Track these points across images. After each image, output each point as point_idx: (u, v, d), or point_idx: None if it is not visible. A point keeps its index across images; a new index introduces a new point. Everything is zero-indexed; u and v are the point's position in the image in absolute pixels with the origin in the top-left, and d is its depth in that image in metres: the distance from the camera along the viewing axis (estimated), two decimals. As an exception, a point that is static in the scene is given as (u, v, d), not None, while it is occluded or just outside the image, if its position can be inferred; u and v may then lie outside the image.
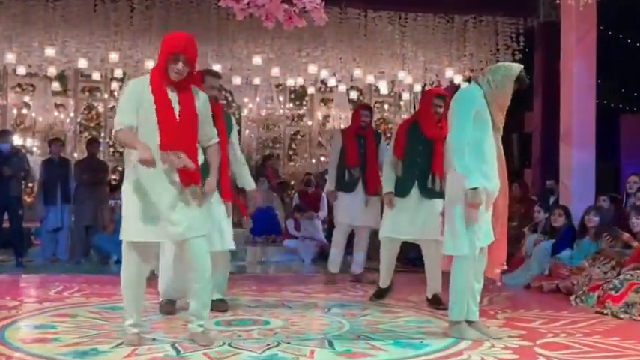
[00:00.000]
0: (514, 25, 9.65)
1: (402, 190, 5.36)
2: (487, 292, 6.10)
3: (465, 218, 4.03)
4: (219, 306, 4.89)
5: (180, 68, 3.84)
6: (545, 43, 10.40)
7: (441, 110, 5.29)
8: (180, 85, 3.90)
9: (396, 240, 5.45)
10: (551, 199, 8.64)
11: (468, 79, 10.64)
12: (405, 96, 12.23)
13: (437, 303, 5.28)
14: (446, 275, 4.43)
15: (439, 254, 4.59)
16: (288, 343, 4.05)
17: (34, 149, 11.50)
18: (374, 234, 7.49)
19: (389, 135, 12.99)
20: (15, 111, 11.62)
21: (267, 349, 3.90)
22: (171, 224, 3.84)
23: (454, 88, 8.52)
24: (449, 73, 10.32)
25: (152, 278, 4.47)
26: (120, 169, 10.82)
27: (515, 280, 6.79)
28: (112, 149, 11.90)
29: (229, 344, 3.98)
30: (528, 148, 11.63)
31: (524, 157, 12.14)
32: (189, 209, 3.87)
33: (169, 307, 4.89)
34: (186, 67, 3.85)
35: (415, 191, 5.31)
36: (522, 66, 4.24)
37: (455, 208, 4.09)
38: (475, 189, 3.96)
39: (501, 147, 4.22)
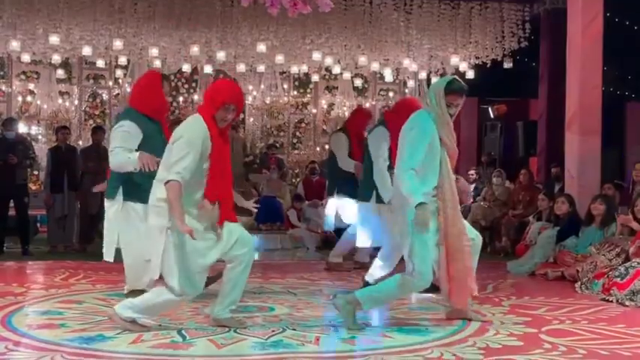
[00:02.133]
0: (520, 11, 9.58)
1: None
2: (491, 279, 6.11)
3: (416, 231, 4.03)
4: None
5: (230, 118, 3.94)
6: (551, 29, 10.36)
7: None
8: (224, 131, 3.98)
9: None
10: (557, 187, 8.63)
11: (474, 67, 10.61)
12: (410, 84, 12.18)
13: (435, 289, 5.29)
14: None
15: None
16: (294, 329, 4.06)
17: (39, 137, 11.50)
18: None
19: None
20: (20, 99, 11.62)
21: (273, 335, 3.92)
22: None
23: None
24: (454, 60, 10.27)
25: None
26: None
27: (520, 267, 6.79)
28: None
29: (235, 330, 4.00)
30: (534, 135, 11.61)
31: (530, 145, 12.10)
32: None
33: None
34: (233, 116, 3.97)
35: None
36: (452, 76, 4.28)
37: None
38: (421, 204, 3.96)
39: (449, 167, 4.20)
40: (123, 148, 4.42)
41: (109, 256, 4.62)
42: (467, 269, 4.15)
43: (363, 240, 5.87)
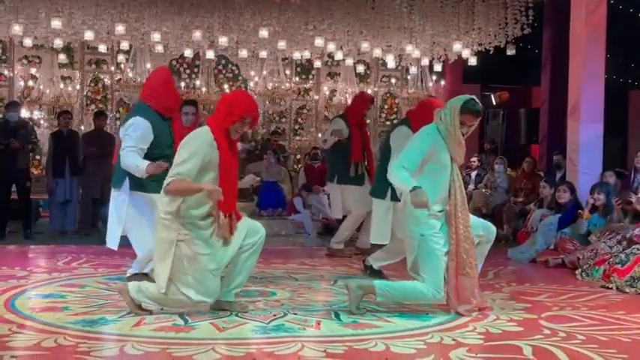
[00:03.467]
0: (523, -2, 9.52)
1: None
2: (492, 266, 6.13)
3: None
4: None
5: (244, 130, 3.99)
6: (554, 17, 10.31)
7: None
8: (234, 143, 4.01)
9: None
10: (558, 175, 8.63)
11: (476, 54, 10.56)
12: (413, 70, 12.14)
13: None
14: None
15: None
16: (295, 314, 4.08)
17: (41, 122, 11.50)
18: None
19: (395, 110, 12.96)
20: (22, 83, 11.61)
21: (274, 319, 3.94)
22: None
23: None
24: (457, 47, 10.22)
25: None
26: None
27: (521, 254, 6.81)
28: (118, 122, 11.88)
29: (236, 314, 4.02)
30: (536, 123, 11.60)
31: (532, 132, 12.10)
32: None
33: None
34: (248, 129, 4.06)
35: None
36: (471, 96, 4.26)
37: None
38: (415, 188, 3.99)
39: (461, 182, 4.28)
40: (135, 148, 4.42)
41: (112, 243, 4.63)
42: (474, 283, 4.19)
43: (379, 237, 5.84)
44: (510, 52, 10.13)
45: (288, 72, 12.49)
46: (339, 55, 11.06)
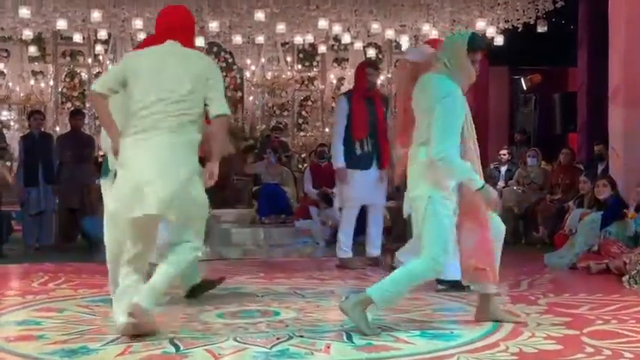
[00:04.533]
0: (555, -33, 9.51)
1: None
2: (526, 274, 6.10)
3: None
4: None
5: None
6: (591, -13, 10.26)
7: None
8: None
9: None
10: (600, 168, 8.59)
11: (503, 32, 10.54)
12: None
13: (460, 288, 5.30)
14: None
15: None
16: (301, 336, 4.07)
17: (11, 123, 11.58)
18: (397, 211, 7.51)
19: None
20: (-12, 81, 11.70)
21: (278, 343, 3.93)
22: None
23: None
24: (480, 24, 10.21)
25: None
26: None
27: (559, 260, 6.79)
28: (97, 122, 11.93)
29: (235, 339, 4.01)
30: (573, 109, 11.56)
31: (569, 120, 12.06)
32: None
33: None
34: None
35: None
36: (468, 31, 4.24)
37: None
38: (483, 187, 4.00)
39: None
40: None
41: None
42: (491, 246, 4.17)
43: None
44: (541, 29, 10.11)
45: (289, 59, 12.52)
46: (346, 38, 11.08)
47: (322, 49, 12.11)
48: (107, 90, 4.01)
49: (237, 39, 11.01)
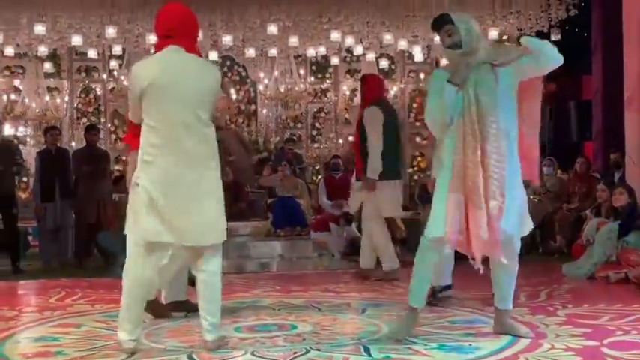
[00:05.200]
0: (568, -24, 9.51)
1: None
2: (544, 285, 6.06)
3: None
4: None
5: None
6: (604, -5, 10.22)
7: None
8: None
9: None
10: (617, 176, 8.54)
11: (517, 40, 10.51)
12: (443, 62, 12.11)
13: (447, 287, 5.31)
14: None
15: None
16: (318, 350, 4.06)
17: (28, 139, 11.67)
18: (412, 222, 7.51)
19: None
20: (4, 97, 11.79)
21: (295, 357, 3.92)
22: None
23: None
24: (493, 33, 10.22)
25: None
26: (124, 158, 10.94)
27: (577, 270, 6.74)
28: (113, 136, 12.02)
29: (252, 353, 4.01)
30: (588, 117, 11.50)
31: (584, 128, 11.99)
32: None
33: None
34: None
35: None
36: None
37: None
38: None
39: None
40: None
41: None
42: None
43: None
44: (555, 37, 10.08)
45: (302, 71, 12.56)
46: (358, 50, 11.10)
47: (335, 60, 12.14)
48: (141, 119, 3.93)
49: (250, 52, 11.06)
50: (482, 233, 3.94)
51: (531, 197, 9.08)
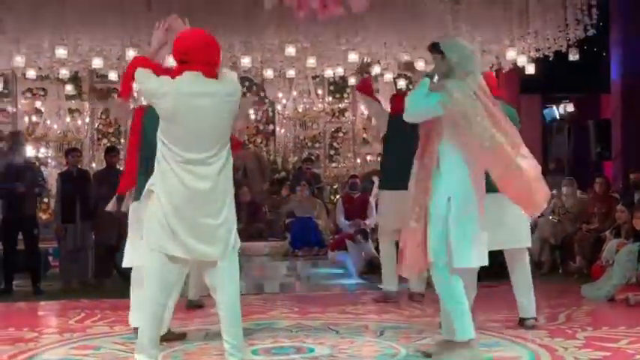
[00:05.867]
0: (585, -5, 9.48)
1: None
2: (563, 307, 6.02)
3: None
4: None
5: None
6: (622, 14, 10.21)
7: None
8: None
9: None
10: (637, 196, 8.48)
11: (534, 60, 10.51)
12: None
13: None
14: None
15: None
16: (336, 373, 4.06)
17: (49, 160, 11.80)
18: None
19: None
20: (26, 119, 11.95)
21: (313, 381, 3.92)
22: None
23: None
24: (511, 54, 10.22)
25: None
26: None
27: (597, 291, 6.67)
28: (133, 157, 12.11)
29: (269, 377, 4.02)
30: (607, 136, 11.44)
31: (604, 148, 11.91)
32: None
33: None
34: None
35: None
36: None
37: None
38: None
39: None
40: None
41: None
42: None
43: None
44: (573, 57, 10.05)
45: (320, 91, 12.62)
46: (376, 70, 11.12)
47: (352, 81, 12.18)
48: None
49: (269, 73, 11.13)
50: None
51: (550, 217, 9.06)
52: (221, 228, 3.86)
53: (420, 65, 10.90)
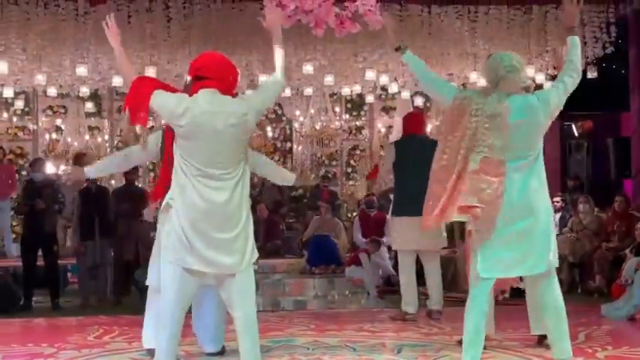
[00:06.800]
0: (603, 13, 9.47)
1: None
2: (583, 326, 5.97)
3: None
4: None
5: None
6: (640, 32, 10.17)
7: None
8: None
9: None
10: (657, 214, 8.41)
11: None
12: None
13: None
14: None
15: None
16: (353, 391, 4.05)
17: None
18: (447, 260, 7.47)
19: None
20: (47, 136, 12.08)
21: (329, 399, 3.91)
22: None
23: None
24: (529, 71, 10.18)
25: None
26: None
27: (617, 311, 6.62)
28: (152, 174, 12.20)
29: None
30: (627, 153, 11.37)
31: (623, 166, 11.83)
32: None
33: None
34: None
35: None
36: None
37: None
38: None
39: None
40: None
41: None
42: None
43: None
44: (592, 74, 10.03)
45: (337, 109, 12.66)
46: (393, 88, 11.15)
47: (370, 98, 12.22)
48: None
49: (286, 91, 11.19)
50: None
51: (568, 235, 9.00)
52: (237, 240, 3.87)
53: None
